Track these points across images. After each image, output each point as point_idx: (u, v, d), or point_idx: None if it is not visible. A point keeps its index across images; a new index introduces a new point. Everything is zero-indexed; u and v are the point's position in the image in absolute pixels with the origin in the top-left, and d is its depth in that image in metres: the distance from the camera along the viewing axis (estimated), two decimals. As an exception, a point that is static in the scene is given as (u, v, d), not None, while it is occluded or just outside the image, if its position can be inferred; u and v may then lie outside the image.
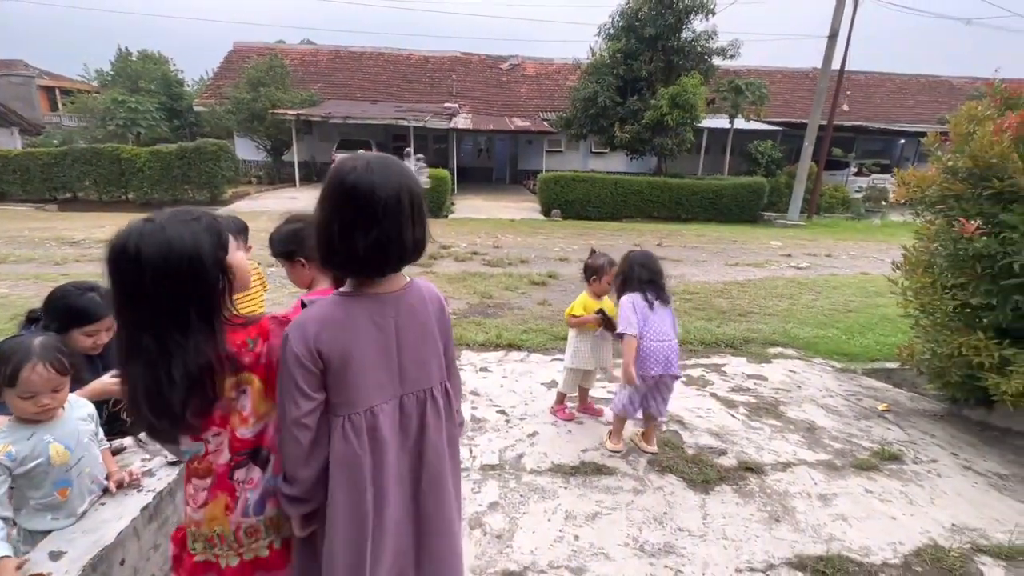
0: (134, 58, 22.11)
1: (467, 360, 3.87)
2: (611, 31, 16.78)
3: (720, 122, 18.14)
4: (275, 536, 1.11)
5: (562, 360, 3.95)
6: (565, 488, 2.34)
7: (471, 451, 2.62)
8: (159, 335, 0.92)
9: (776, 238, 11.97)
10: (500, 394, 3.34)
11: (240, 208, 13.14)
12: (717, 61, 16.64)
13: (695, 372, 3.82)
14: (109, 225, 10.10)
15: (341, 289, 1.06)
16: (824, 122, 15.31)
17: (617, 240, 10.89)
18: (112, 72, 22.09)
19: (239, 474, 1.05)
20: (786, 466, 2.59)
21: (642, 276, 2.53)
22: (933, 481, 2.51)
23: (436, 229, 12.58)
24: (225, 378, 0.98)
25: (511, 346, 4.23)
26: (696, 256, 9.30)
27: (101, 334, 1.69)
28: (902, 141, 22.46)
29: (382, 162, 1.00)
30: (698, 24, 16.10)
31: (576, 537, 2.02)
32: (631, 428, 2.81)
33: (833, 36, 14.36)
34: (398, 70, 24.78)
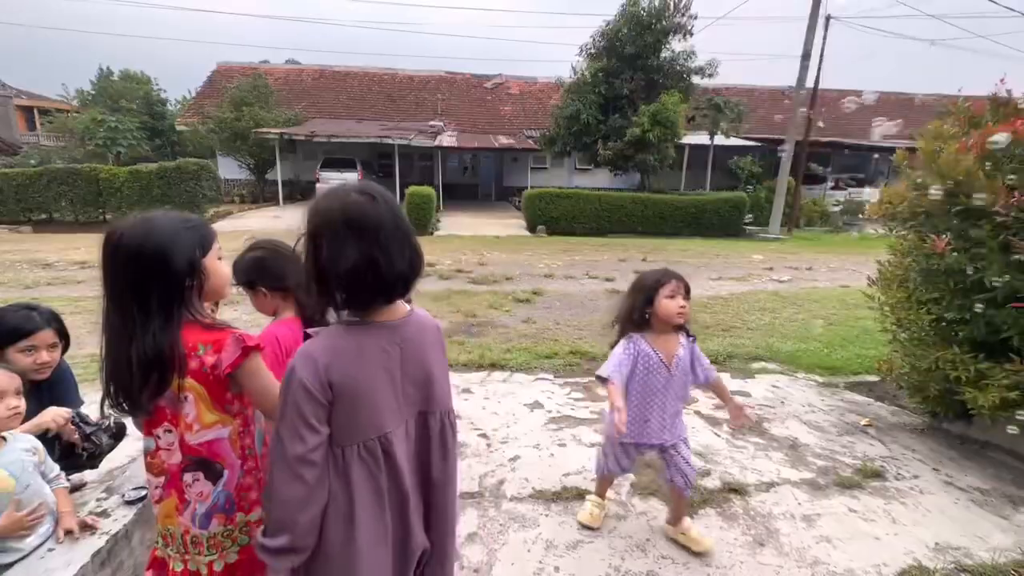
0: (116, 77, 21.99)
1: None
2: (592, 51, 17.15)
3: (701, 138, 18.52)
4: (216, 557, 1.10)
5: (547, 380, 3.94)
6: (546, 515, 2.27)
7: (450, 478, 2.54)
8: (124, 314, 1.01)
9: (758, 252, 12.14)
10: (482, 416, 3.27)
11: (222, 228, 12.98)
12: (696, 80, 17.06)
13: (679, 389, 3.80)
14: (84, 247, 9.87)
15: (345, 318, 1.03)
16: (800, 138, 15.70)
17: (602, 255, 10.96)
18: (93, 92, 21.93)
19: (187, 477, 1.09)
20: (770, 486, 2.56)
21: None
22: (916, 498, 2.49)
23: (422, 247, 12.46)
24: (174, 371, 1.01)
25: (494, 366, 4.17)
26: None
27: (41, 352, 1.64)
28: (875, 156, 23.13)
29: (378, 189, 1.00)
30: (676, 44, 16.53)
31: (556, 569, 1.95)
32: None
33: (806, 56, 14.82)
34: (383, 89, 24.97)
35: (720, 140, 18.47)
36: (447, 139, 20.08)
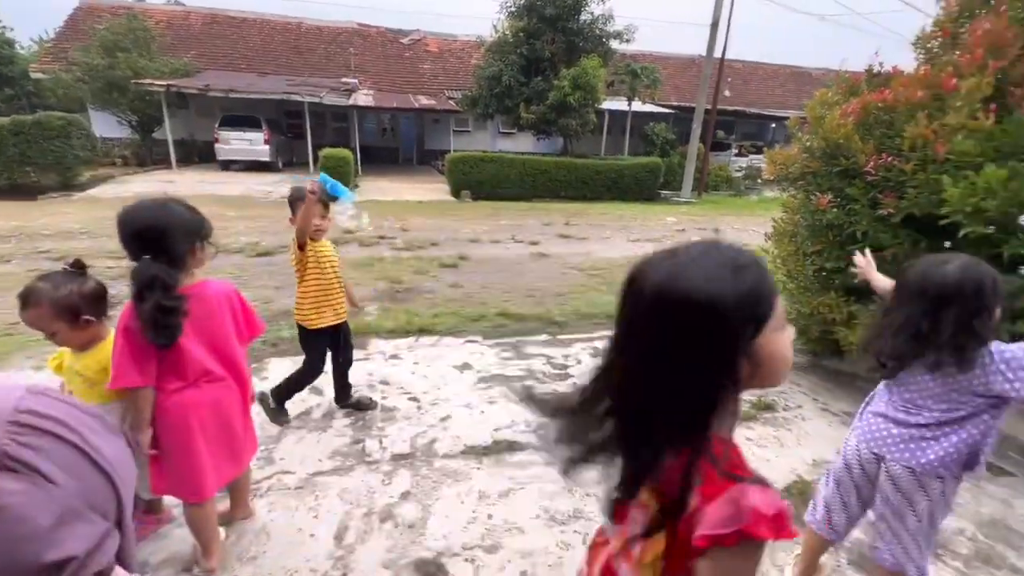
0: (-58, 11, 18.06)
1: (376, 348, 3.72)
2: (513, 9, 16.70)
3: (619, 104, 18.95)
4: None
5: (476, 342, 3.99)
6: (479, 468, 2.35)
7: (381, 442, 2.53)
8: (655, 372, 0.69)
9: (671, 214, 12.88)
10: (412, 381, 3.26)
11: (104, 194, 11.46)
12: (614, 45, 17.25)
13: (601, 343, 4.01)
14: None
15: None
16: (709, 106, 16.58)
17: (527, 220, 11.06)
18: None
19: None
20: (681, 424, 2.82)
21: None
22: (799, 424, 2.87)
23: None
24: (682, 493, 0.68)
25: (422, 331, 4.14)
26: (601, 233, 9.73)
27: None
28: (773, 125, 25.08)
29: None
30: (595, 7, 16.54)
31: (489, 516, 2.04)
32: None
33: (715, 25, 15.49)
34: (287, 40, 22.77)
35: (637, 106, 19.03)
36: (363, 98, 18.89)
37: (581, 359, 3.69)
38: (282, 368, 3.30)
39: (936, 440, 1.39)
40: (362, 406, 2.85)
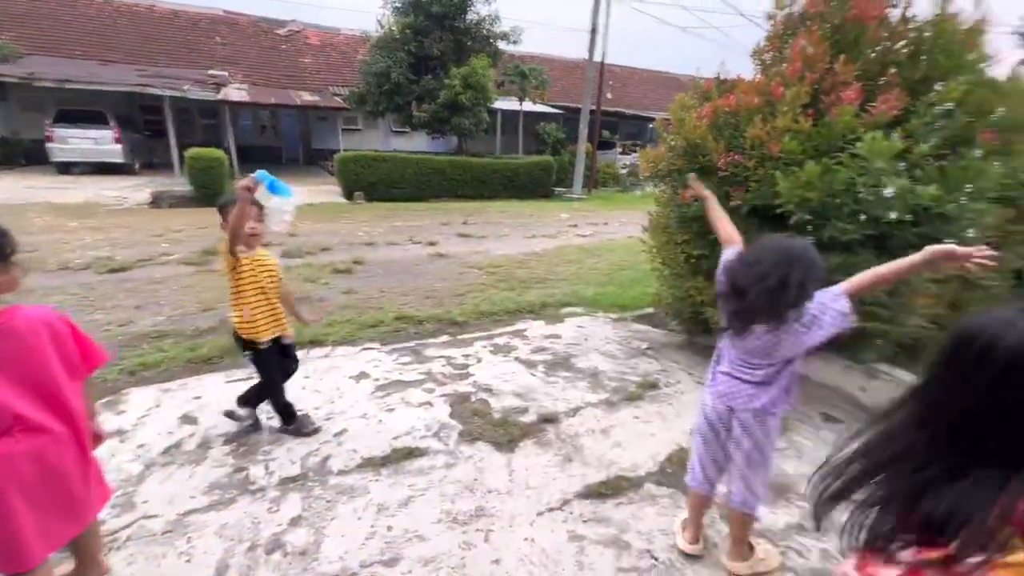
0: None
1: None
2: (398, 5, 16.30)
3: (511, 104, 19.37)
4: None
5: (373, 350, 3.83)
6: (376, 480, 2.26)
7: (267, 467, 2.34)
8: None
9: (565, 211, 13.46)
10: (302, 396, 3.04)
11: None
12: (502, 45, 17.59)
13: (501, 340, 4.08)
14: None
15: None
16: (594, 107, 17.57)
17: (424, 220, 10.89)
18: None
19: None
20: (576, 411, 2.96)
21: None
22: (678, 399, 3.16)
23: (215, 218, 10.71)
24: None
25: (313, 343, 3.88)
26: (499, 231, 9.88)
27: None
28: (651, 125, 27.29)
29: None
30: (482, 7, 16.71)
31: (389, 528, 1.98)
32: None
33: (593, 31, 16.44)
34: (135, 25, 20.04)
35: (528, 106, 19.59)
36: (235, 92, 17.23)
37: (481, 357, 3.72)
38: (144, 399, 2.92)
39: (766, 388, 1.71)
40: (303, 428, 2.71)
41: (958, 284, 3.01)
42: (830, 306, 1.55)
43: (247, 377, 3.25)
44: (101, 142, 14.02)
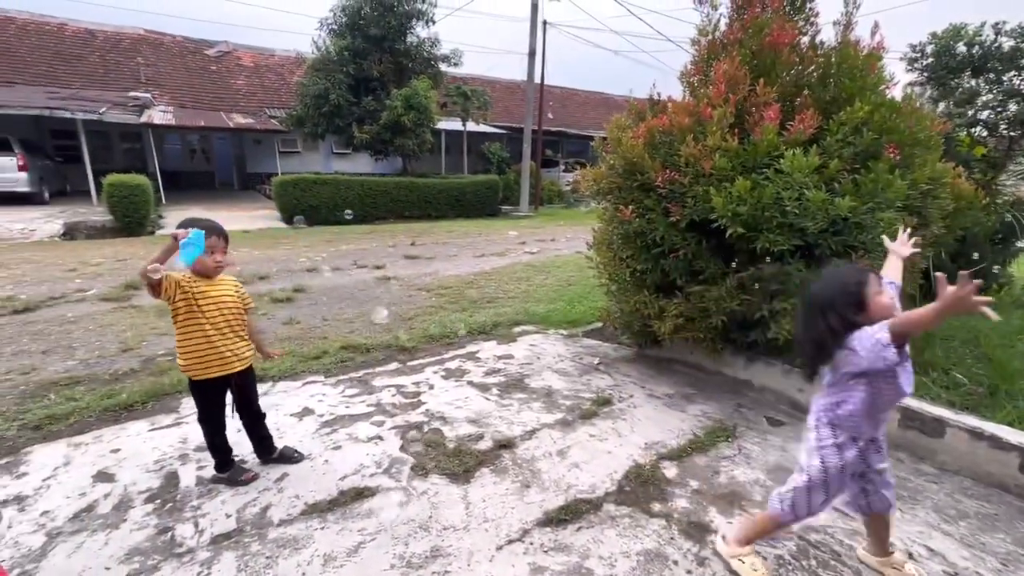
0: None
1: (187, 410, 3.14)
2: (335, 27, 16.12)
3: (454, 124, 19.49)
4: None
5: (317, 383, 3.62)
6: (322, 528, 2.10)
7: (196, 524, 2.11)
8: None
9: (513, 228, 13.58)
10: (238, 441, 2.79)
11: None
12: (443, 67, 17.74)
13: (453, 364, 3.98)
14: None
15: None
16: (536, 127, 18.00)
17: (371, 243, 10.63)
18: None
19: None
20: (532, 433, 2.91)
21: None
22: (632, 413, 3.18)
23: (137, 249, 9.96)
24: None
25: (250, 380, 3.63)
26: (448, 251, 9.79)
27: None
28: (592, 143, 28.29)
29: None
30: (421, 31, 16.82)
31: (337, 581, 1.83)
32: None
33: (532, 54, 16.92)
34: (47, 44, 18.65)
35: (472, 127, 19.78)
36: (160, 115, 16.29)
37: (433, 384, 3.60)
38: (51, 457, 2.59)
39: (823, 395, 1.75)
40: (287, 459, 2.62)
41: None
42: (867, 337, 1.49)
43: (174, 423, 2.98)
44: (4, 170, 12.79)
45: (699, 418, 3.12)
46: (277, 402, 3.29)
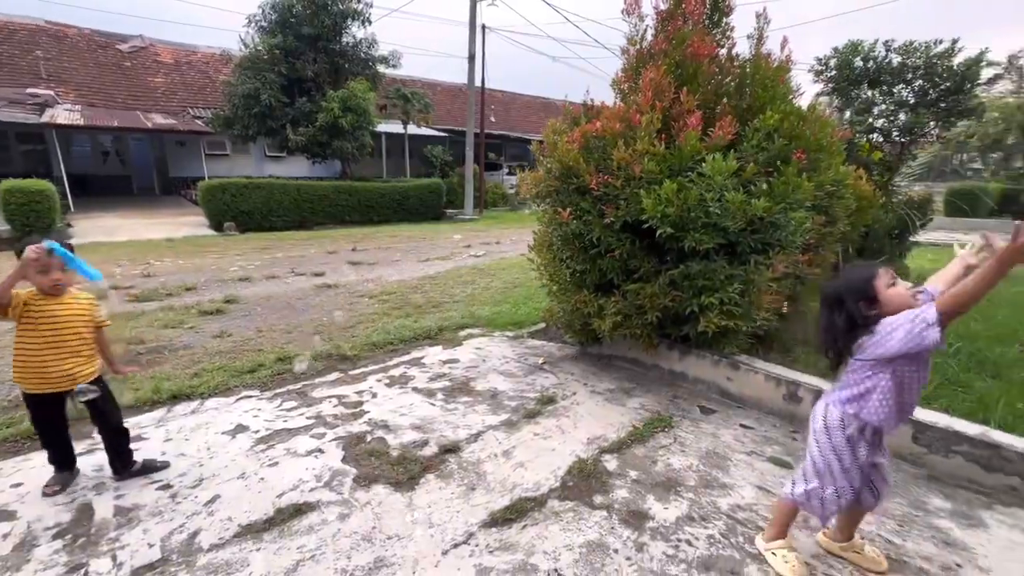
0: None
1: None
2: (264, 24, 15.39)
3: (395, 127, 19.15)
4: None
5: (252, 398, 3.44)
6: (258, 550, 2.00)
7: (115, 558, 1.95)
8: None
9: (457, 232, 13.52)
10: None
11: None
12: (382, 69, 17.40)
13: (397, 371, 3.91)
14: None
15: None
16: (478, 130, 18.03)
17: (309, 249, 10.25)
18: None
19: None
20: (477, 436, 2.92)
21: None
22: (575, 409, 3.26)
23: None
24: None
25: (176, 398, 3.40)
26: (391, 256, 9.60)
27: None
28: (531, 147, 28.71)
29: None
30: (357, 31, 16.41)
31: (274, 602, 1.75)
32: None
33: (471, 58, 16.94)
34: (-78, 33, 16.58)
35: (413, 129, 19.52)
36: (64, 114, 14.87)
37: (376, 392, 3.53)
38: (-66, 498, 2.30)
39: (839, 385, 1.82)
40: (150, 469, 2.55)
41: (792, 281, 3.52)
42: (905, 319, 1.55)
43: (87, 450, 2.74)
44: None
45: (638, 411, 3.25)
46: (208, 420, 3.10)
